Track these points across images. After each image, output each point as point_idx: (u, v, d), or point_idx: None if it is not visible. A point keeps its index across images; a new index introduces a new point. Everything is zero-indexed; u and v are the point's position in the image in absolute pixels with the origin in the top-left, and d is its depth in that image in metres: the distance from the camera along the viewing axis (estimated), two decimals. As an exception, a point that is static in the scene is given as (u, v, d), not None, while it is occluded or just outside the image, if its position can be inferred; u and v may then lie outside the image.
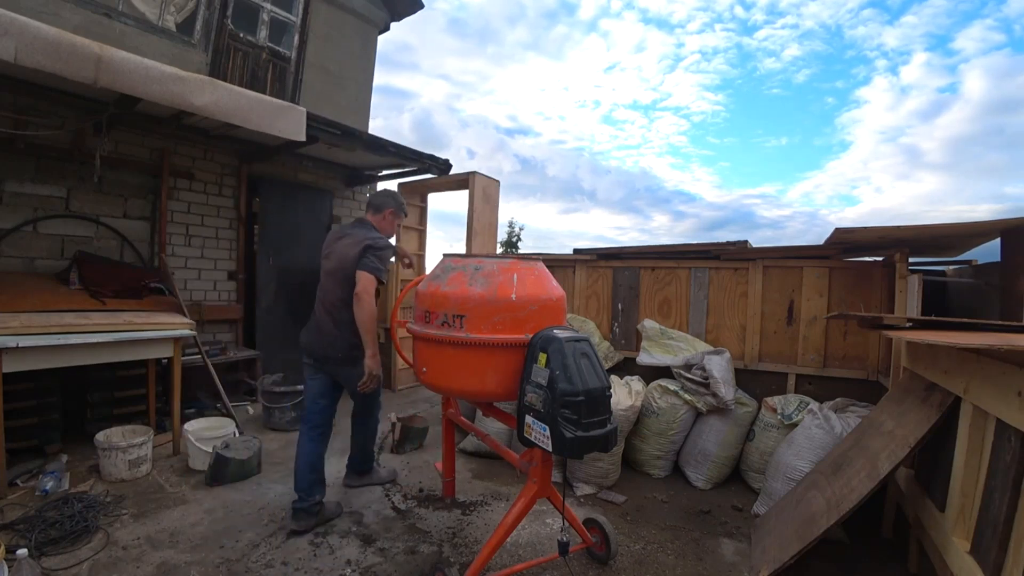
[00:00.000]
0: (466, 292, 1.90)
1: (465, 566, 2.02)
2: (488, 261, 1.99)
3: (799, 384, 3.26)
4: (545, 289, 2.02)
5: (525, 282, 1.95)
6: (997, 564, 1.39)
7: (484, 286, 1.90)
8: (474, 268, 1.97)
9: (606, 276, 3.95)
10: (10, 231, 3.57)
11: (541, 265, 2.13)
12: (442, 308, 1.95)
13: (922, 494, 2.02)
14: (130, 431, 3.05)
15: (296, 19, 5.40)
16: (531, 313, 1.90)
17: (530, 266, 2.04)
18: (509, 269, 1.96)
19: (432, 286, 2.04)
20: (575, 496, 2.91)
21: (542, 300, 1.95)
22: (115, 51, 2.82)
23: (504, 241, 20.27)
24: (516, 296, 1.88)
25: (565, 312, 2.15)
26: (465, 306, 1.89)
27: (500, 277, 1.92)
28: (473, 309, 1.88)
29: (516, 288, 1.90)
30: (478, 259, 2.02)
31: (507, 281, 1.91)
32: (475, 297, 1.88)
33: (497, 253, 2.63)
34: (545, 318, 1.94)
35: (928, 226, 2.31)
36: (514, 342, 1.85)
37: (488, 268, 1.95)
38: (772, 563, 1.98)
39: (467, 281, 1.93)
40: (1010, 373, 1.40)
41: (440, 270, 2.11)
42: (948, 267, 3.40)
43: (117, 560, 2.09)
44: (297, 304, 5.54)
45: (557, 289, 2.11)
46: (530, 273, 2.01)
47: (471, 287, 1.91)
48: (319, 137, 4.23)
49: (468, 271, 1.97)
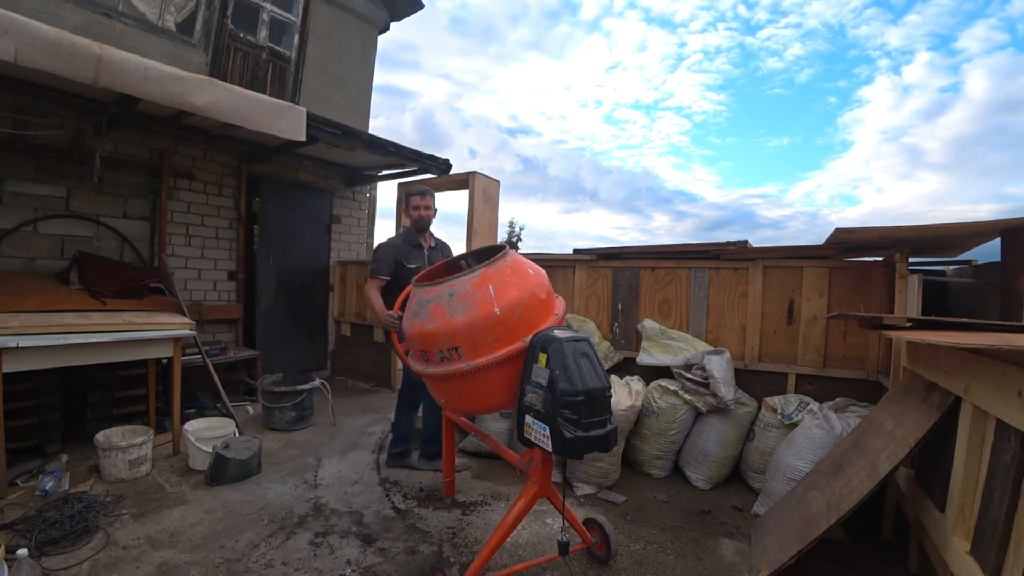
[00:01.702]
0: (451, 324, 1.81)
1: (465, 566, 2.02)
2: (459, 282, 1.86)
3: (799, 384, 3.26)
4: (525, 284, 1.91)
5: (503, 288, 1.84)
6: (997, 564, 1.39)
7: (465, 311, 1.80)
8: (448, 295, 1.85)
9: (606, 276, 3.95)
10: (10, 231, 3.57)
11: (510, 255, 1.99)
12: (435, 346, 1.87)
13: (922, 494, 2.02)
14: (130, 431, 3.05)
15: (296, 19, 5.40)
16: (521, 316, 1.83)
17: (501, 266, 1.91)
18: (481, 283, 1.84)
19: (416, 325, 1.93)
20: (575, 496, 2.91)
21: (525, 300, 1.86)
22: (115, 51, 2.82)
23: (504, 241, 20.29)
24: (500, 309, 1.80)
25: (551, 291, 2.05)
26: (455, 338, 1.81)
27: (477, 295, 1.81)
28: (464, 338, 1.80)
29: (496, 300, 1.81)
30: (449, 283, 1.88)
31: (484, 297, 1.81)
32: (461, 326, 1.80)
33: (471, 253, 2.52)
34: (536, 313, 1.88)
35: (928, 226, 2.31)
36: (515, 352, 1.80)
37: (462, 290, 1.84)
38: (772, 563, 1.98)
39: (447, 312, 1.83)
40: (1010, 373, 1.40)
41: (416, 305, 1.98)
42: (948, 267, 3.40)
43: (117, 560, 2.09)
44: (297, 304, 5.54)
45: (535, 276, 1.98)
46: (503, 274, 1.88)
47: (453, 317, 1.81)
48: (319, 137, 4.23)
49: (444, 300, 1.86)
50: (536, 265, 2.07)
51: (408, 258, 2.92)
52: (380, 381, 5.39)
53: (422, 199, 2.98)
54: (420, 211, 2.97)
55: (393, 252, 2.92)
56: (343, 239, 6.09)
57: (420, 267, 2.86)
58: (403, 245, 2.96)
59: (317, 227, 5.77)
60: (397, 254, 2.92)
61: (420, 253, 2.98)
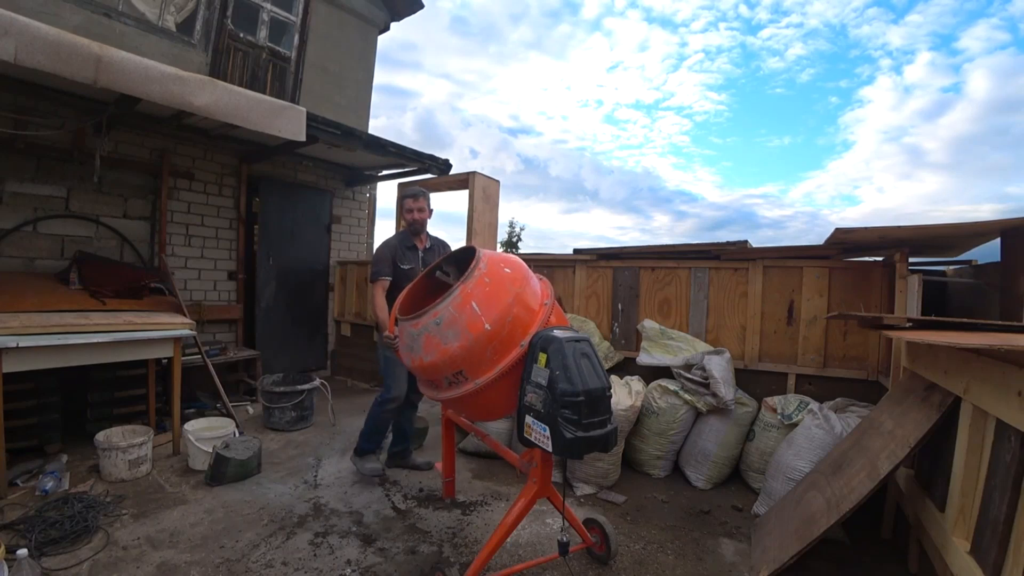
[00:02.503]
0: (448, 352, 1.81)
1: (465, 566, 2.02)
2: (441, 308, 1.83)
3: (799, 384, 3.26)
4: (506, 289, 1.85)
5: (486, 301, 1.80)
6: (997, 564, 1.39)
7: (457, 336, 1.79)
8: (435, 324, 1.83)
9: (606, 276, 3.95)
10: (10, 231, 3.57)
11: (483, 260, 1.92)
12: (440, 375, 1.89)
13: (922, 494, 2.02)
14: (130, 431, 3.05)
15: (296, 19, 5.40)
16: (512, 323, 1.81)
17: (477, 277, 1.85)
18: (463, 303, 1.80)
19: (414, 360, 1.94)
20: (575, 496, 2.91)
21: (511, 305, 1.82)
22: (115, 51, 2.82)
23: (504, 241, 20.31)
24: (490, 324, 1.78)
25: (532, 279, 2.00)
26: (456, 363, 1.82)
27: (463, 317, 1.78)
28: (465, 362, 1.81)
29: (483, 315, 1.78)
30: (432, 312, 1.85)
31: (471, 316, 1.79)
32: (458, 352, 1.79)
33: (445, 259, 2.46)
34: (526, 311, 1.86)
35: (928, 226, 2.31)
36: (516, 359, 1.80)
37: (447, 316, 1.81)
38: (772, 563, 1.98)
39: (440, 342, 1.82)
40: (1010, 373, 1.40)
41: (408, 340, 1.96)
42: (948, 267, 3.40)
43: (117, 560, 2.09)
44: (297, 304, 5.54)
45: (512, 273, 1.92)
46: (481, 286, 1.83)
47: (447, 345, 1.80)
48: (319, 137, 4.23)
49: (432, 330, 1.84)
50: (510, 257, 2.05)
51: (402, 259, 2.93)
52: (380, 381, 5.39)
53: (415, 201, 2.96)
54: (413, 214, 2.97)
55: (391, 252, 2.92)
56: (343, 239, 6.09)
57: (414, 268, 2.88)
58: (399, 246, 2.97)
59: (317, 227, 5.77)
60: (393, 254, 2.92)
61: (414, 255, 2.98)
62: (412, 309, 2.02)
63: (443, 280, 2.37)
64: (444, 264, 2.38)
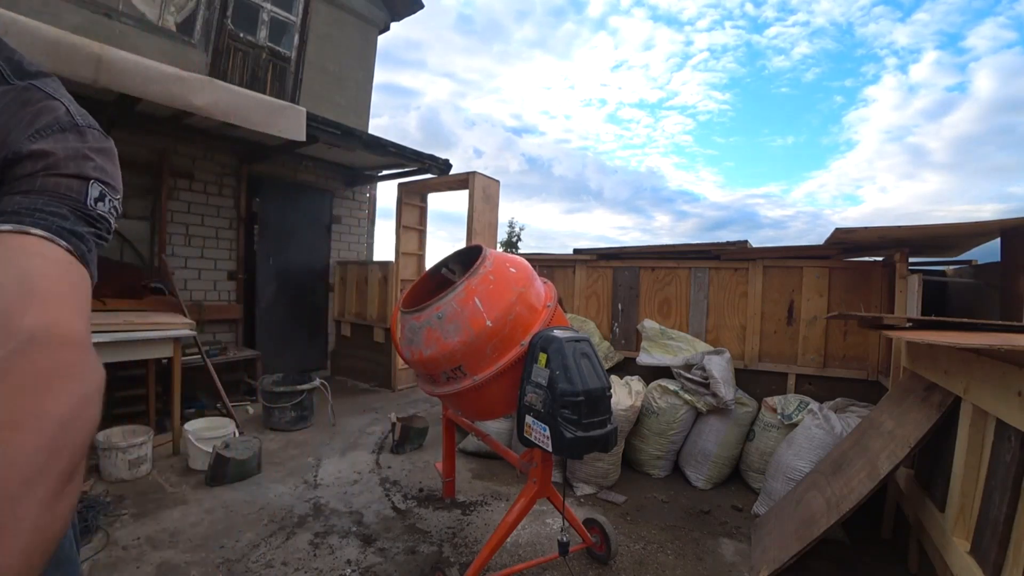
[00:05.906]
0: (448, 347, 1.80)
1: (465, 566, 2.02)
2: (444, 303, 1.83)
3: (799, 384, 3.26)
4: (511, 287, 1.86)
5: (489, 298, 1.80)
6: (997, 564, 1.39)
7: (458, 331, 1.79)
8: (437, 318, 1.83)
9: (606, 276, 3.95)
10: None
11: (489, 258, 1.92)
12: (439, 369, 1.88)
13: (922, 494, 2.02)
14: (130, 431, 3.05)
15: (296, 19, 5.40)
16: (514, 321, 1.81)
17: (483, 274, 1.85)
18: (467, 299, 1.80)
19: (414, 352, 1.92)
20: (575, 496, 2.91)
21: (514, 303, 1.83)
22: (115, 51, 2.82)
23: (504, 241, 20.30)
24: (492, 321, 1.78)
25: (537, 280, 2.01)
26: (455, 358, 1.81)
27: (466, 312, 1.78)
28: (464, 357, 1.80)
29: (486, 312, 1.79)
30: (435, 306, 1.85)
31: (474, 312, 1.79)
32: (458, 347, 1.79)
33: (451, 257, 2.44)
34: (529, 311, 1.86)
35: (928, 226, 2.31)
36: (516, 357, 1.80)
37: (449, 310, 1.81)
38: (772, 563, 1.98)
39: (441, 336, 1.82)
40: (1010, 373, 1.40)
41: (409, 332, 1.95)
42: (948, 267, 3.40)
43: (117, 560, 2.09)
44: (297, 304, 5.54)
45: (518, 272, 1.93)
46: (486, 283, 1.83)
47: (448, 340, 1.80)
48: (319, 137, 4.23)
49: (434, 324, 1.83)
50: (516, 259, 2.04)
51: None
52: (380, 381, 5.39)
53: None
54: None
55: None
56: (343, 239, 6.09)
57: None
58: None
59: (317, 227, 5.77)
60: None
61: None
62: (415, 305, 2.02)
63: (448, 278, 2.37)
64: (450, 262, 2.38)
